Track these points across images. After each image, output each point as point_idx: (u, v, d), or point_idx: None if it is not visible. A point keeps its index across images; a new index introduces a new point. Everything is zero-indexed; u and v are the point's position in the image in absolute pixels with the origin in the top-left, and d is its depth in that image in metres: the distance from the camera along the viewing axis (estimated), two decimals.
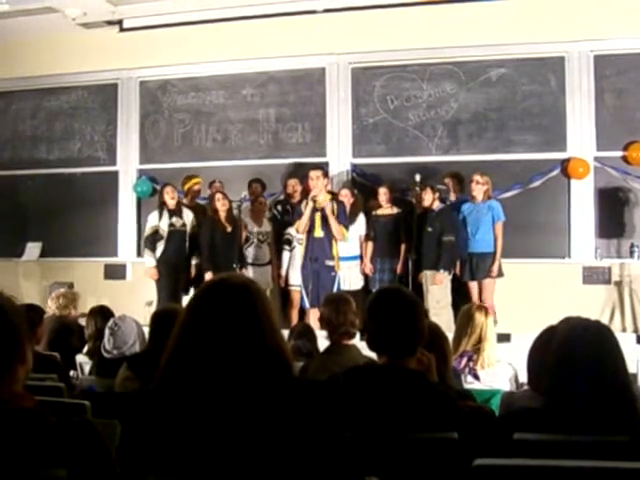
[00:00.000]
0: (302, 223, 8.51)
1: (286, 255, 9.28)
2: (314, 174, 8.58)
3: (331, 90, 10.04)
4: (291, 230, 9.15)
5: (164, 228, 8.99)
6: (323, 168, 9.04)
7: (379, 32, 9.61)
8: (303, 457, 2.00)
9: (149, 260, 9.06)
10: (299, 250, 8.98)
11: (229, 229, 8.90)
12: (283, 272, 9.26)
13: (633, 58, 9.08)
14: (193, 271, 9.09)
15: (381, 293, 3.16)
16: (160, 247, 9.00)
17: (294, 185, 9.52)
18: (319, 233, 8.48)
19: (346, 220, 8.59)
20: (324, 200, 8.49)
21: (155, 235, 9.03)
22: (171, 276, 9.02)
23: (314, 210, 8.45)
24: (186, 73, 10.58)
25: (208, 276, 8.58)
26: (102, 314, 5.33)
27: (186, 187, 9.54)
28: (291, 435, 2.01)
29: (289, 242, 9.23)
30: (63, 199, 10.83)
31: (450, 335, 4.21)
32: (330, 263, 8.48)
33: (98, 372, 4.63)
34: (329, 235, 8.46)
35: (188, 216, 9.15)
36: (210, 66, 10.41)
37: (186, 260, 9.13)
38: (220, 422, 1.99)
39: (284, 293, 9.31)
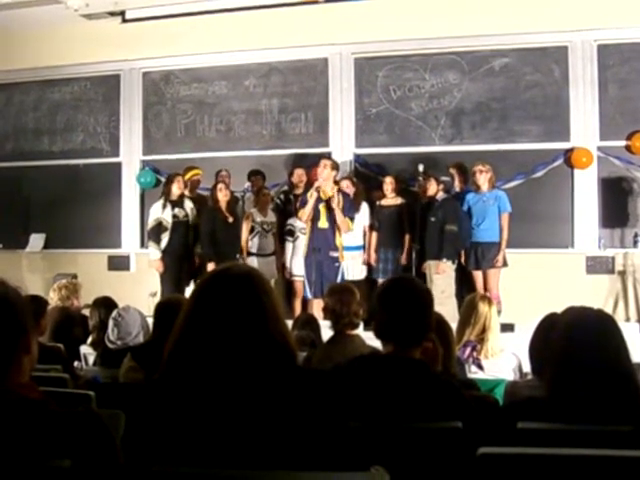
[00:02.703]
0: (306, 212, 8.52)
1: (289, 246, 9.28)
2: (323, 162, 8.60)
3: (334, 80, 10.03)
4: (293, 221, 9.15)
5: (168, 220, 8.98)
6: (334, 160, 9.06)
7: (382, 22, 9.59)
8: (308, 447, 2.01)
9: (154, 252, 9.04)
10: (302, 241, 8.98)
11: (230, 219, 8.90)
12: (287, 263, 9.26)
13: (637, 47, 9.06)
14: (197, 260, 9.09)
15: (394, 282, 3.17)
16: (165, 239, 8.99)
17: (300, 175, 9.52)
18: (324, 224, 8.49)
19: (351, 212, 8.59)
20: (329, 191, 8.48)
21: (159, 227, 9.02)
22: (175, 267, 9.03)
23: (319, 200, 8.45)
24: (189, 64, 10.57)
25: (210, 266, 8.59)
26: (105, 305, 5.34)
27: (186, 178, 9.53)
28: (296, 425, 2.01)
29: (291, 233, 9.22)
30: (66, 191, 10.85)
31: (454, 325, 4.22)
32: (334, 254, 8.49)
33: (102, 363, 4.64)
34: (333, 226, 8.46)
35: (189, 207, 9.15)
36: (213, 57, 10.40)
37: (190, 250, 9.14)
38: (224, 412, 1.99)
39: (288, 283, 9.32)
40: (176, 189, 9.05)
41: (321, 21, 9.87)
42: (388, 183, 9.04)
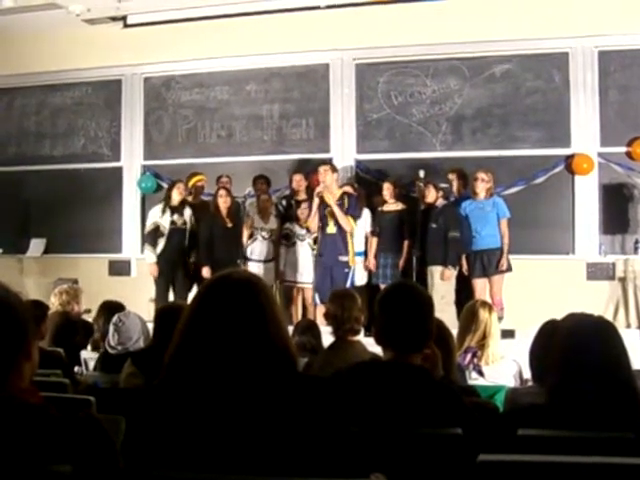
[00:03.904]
0: (311, 220, 8.55)
1: (283, 250, 9.25)
2: (322, 168, 8.62)
3: (335, 86, 10.04)
4: (292, 226, 9.14)
5: (165, 225, 8.99)
6: (331, 163, 9.06)
7: (383, 28, 9.60)
8: (308, 453, 2.00)
9: (150, 256, 9.05)
10: (300, 246, 8.99)
11: (229, 225, 8.89)
12: (281, 267, 9.24)
13: (637, 54, 9.08)
14: (191, 268, 9.09)
15: (395, 287, 3.17)
16: (160, 244, 8.99)
17: (299, 180, 9.50)
18: (332, 229, 8.50)
19: (356, 211, 8.60)
20: (334, 194, 8.50)
21: (156, 231, 9.03)
22: (169, 274, 9.03)
23: (324, 206, 8.46)
24: (190, 69, 10.58)
25: (205, 271, 8.59)
26: (109, 309, 5.31)
27: (190, 184, 9.55)
28: (296, 431, 2.01)
29: (288, 237, 9.20)
30: (67, 195, 10.84)
31: (453, 331, 4.21)
32: (344, 259, 8.49)
33: (102, 368, 4.64)
34: (343, 231, 8.47)
35: (188, 214, 9.15)
36: (214, 62, 10.42)
37: (185, 258, 9.15)
38: (225, 418, 1.99)
39: (287, 289, 9.31)
40: (176, 195, 9.06)
41: (322, 27, 9.88)
42: (386, 189, 9.02)
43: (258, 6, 10.02)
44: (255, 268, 8.85)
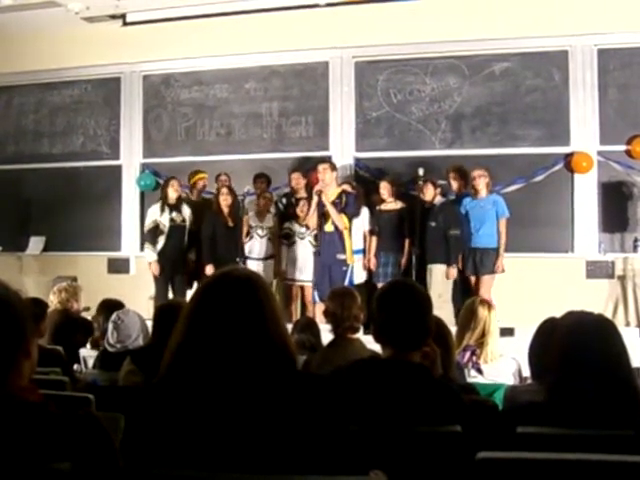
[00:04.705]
0: (309, 218, 8.56)
1: (284, 249, 9.25)
2: (321, 167, 8.62)
3: (334, 84, 10.03)
4: (291, 225, 9.14)
5: (165, 223, 8.99)
6: (330, 161, 9.06)
7: (382, 26, 9.60)
8: (307, 451, 2.00)
9: (150, 254, 9.06)
10: (300, 244, 8.98)
11: (231, 223, 8.90)
12: (283, 266, 9.24)
13: (637, 52, 9.07)
14: (190, 265, 9.10)
15: (393, 285, 3.17)
16: (160, 242, 9.00)
17: (297, 179, 9.50)
18: (330, 227, 8.51)
19: (352, 209, 8.61)
20: (333, 193, 8.52)
21: (156, 229, 9.03)
22: (169, 272, 9.04)
23: (322, 204, 8.46)
24: (189, 67, 10.57)
25: (209, 269, 8.59)
26: (109, 307, 5.31)
27: (191, 182, 9.56)
28: (295, 429, 2.01)
29: (288, 236, 9.20)
30: (66, 193, 10.83)
31: (451, 329, 4.21)
32: (341, 257, 8.49)
33: (101, 366, 4.64)
34: (340, 229, 8.49)
35: (187, 212, 9.15)
36: (213, 60, 10.40)
37: (184, 255, 9.15)
38: (224, 416, 1.99)
39: (286, 287, 9.31)
40: (172, 192, 9.07)
41: (322, 24, 9.87)
42: (383, 188, 9.01)
43: (258, 4, 10.01)
44: (254, 266, 8.84)
